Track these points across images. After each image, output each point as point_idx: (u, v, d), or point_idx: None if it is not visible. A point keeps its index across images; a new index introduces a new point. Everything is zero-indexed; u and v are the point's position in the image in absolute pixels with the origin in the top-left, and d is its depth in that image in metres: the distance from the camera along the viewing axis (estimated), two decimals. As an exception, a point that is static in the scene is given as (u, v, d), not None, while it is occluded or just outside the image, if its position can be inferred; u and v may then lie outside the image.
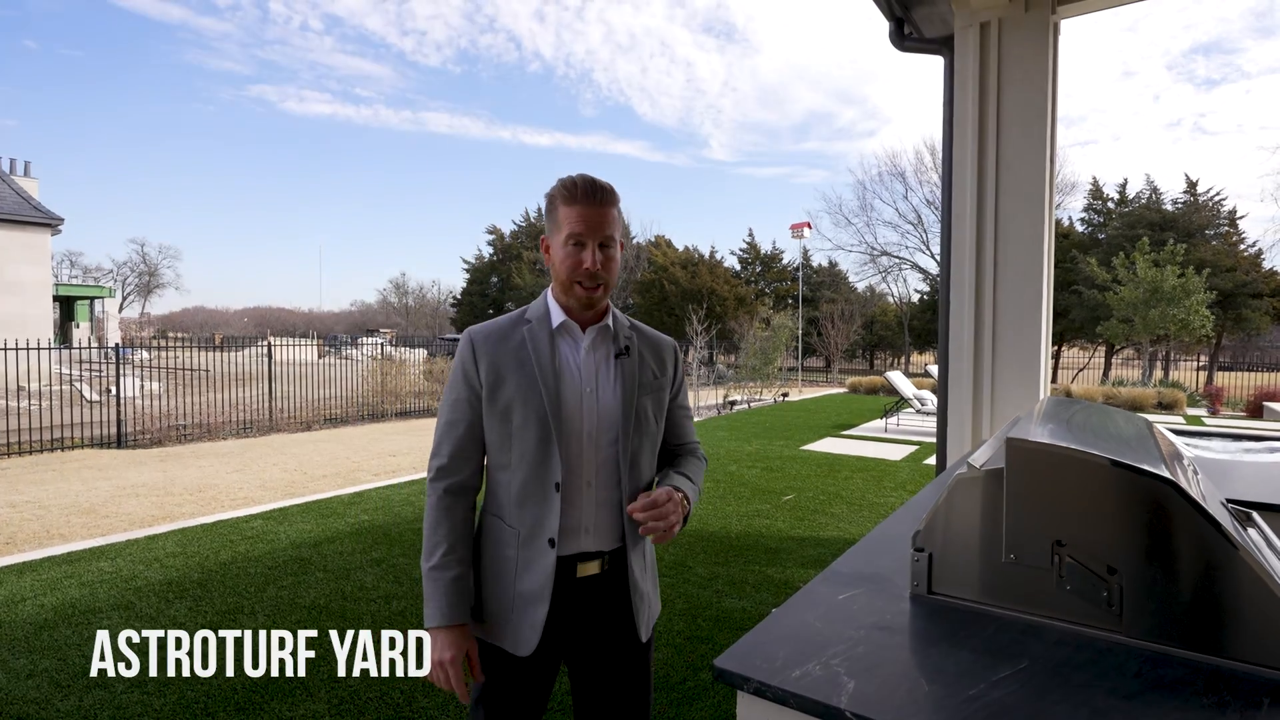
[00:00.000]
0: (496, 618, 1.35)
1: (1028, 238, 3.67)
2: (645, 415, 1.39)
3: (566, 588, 1.33)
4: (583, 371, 1.36)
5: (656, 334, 1.51)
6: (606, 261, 1.32)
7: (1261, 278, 25.09)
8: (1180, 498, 1.10)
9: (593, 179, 1.33)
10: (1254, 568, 1.03)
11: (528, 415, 1.31)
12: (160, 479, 7.10)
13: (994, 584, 1.26)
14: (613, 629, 1.39)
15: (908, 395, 10.76)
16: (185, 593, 3.43)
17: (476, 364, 1.34)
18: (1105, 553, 1.15)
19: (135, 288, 54.82)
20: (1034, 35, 3.63)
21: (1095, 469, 1.16)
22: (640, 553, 1.42)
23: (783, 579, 3.73)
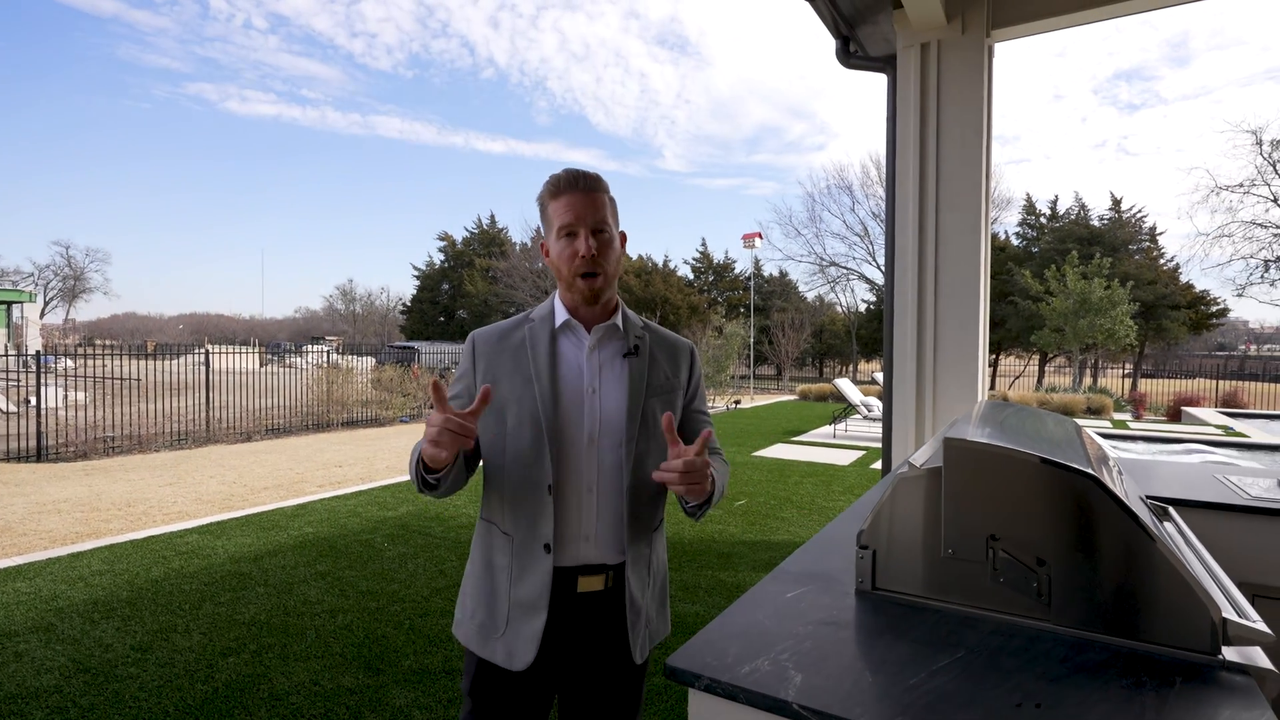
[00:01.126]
0: (489, 629, 1.28)
1: (966, 249, 3.83)
2: (654, 418, 1.32)
3: (566, 599, 1.27)
4: (585, 371, 1.30)
5: (673, 335, 1.46)
6: (602, 248, 1.26)
7: (1179, 290, 26.76)
8: (1104, 493, 1.17)
9: (577, 169, 1.29)
10: (1169, 558, 1.10)
11: (521, 416, 1.27)
12: (85, 494, 6.71)
13: (934, 578, 1.32)
14: (606, 647, 1.31)
15: (855, 402, 11.04)
16: (113, 612, 3.24)
17: (475, 364, 1.32)
18: (1035, 546, 1.22)
19: (59, 292, 51.78)
20: (970, 56, 3.81)
21: (1026, 466, 1.23)
22: (644, 568, 1.35)
23: (735, 582, 3.78)
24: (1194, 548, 1.45)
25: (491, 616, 1.28)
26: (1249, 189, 22.51)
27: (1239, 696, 0.96)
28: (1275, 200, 22.32)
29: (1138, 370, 27.63)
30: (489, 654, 1.27)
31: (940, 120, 3.91)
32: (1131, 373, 28.06)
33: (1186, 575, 1.09)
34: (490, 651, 1.27)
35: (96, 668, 2.71)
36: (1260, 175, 22.31)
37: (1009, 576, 1.24)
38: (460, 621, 1.35)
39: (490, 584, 1.29)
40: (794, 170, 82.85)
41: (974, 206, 3.84)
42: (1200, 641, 1.07)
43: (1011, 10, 3.82)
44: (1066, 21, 3.91)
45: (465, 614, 1.34)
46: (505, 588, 1.27)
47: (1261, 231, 22.69)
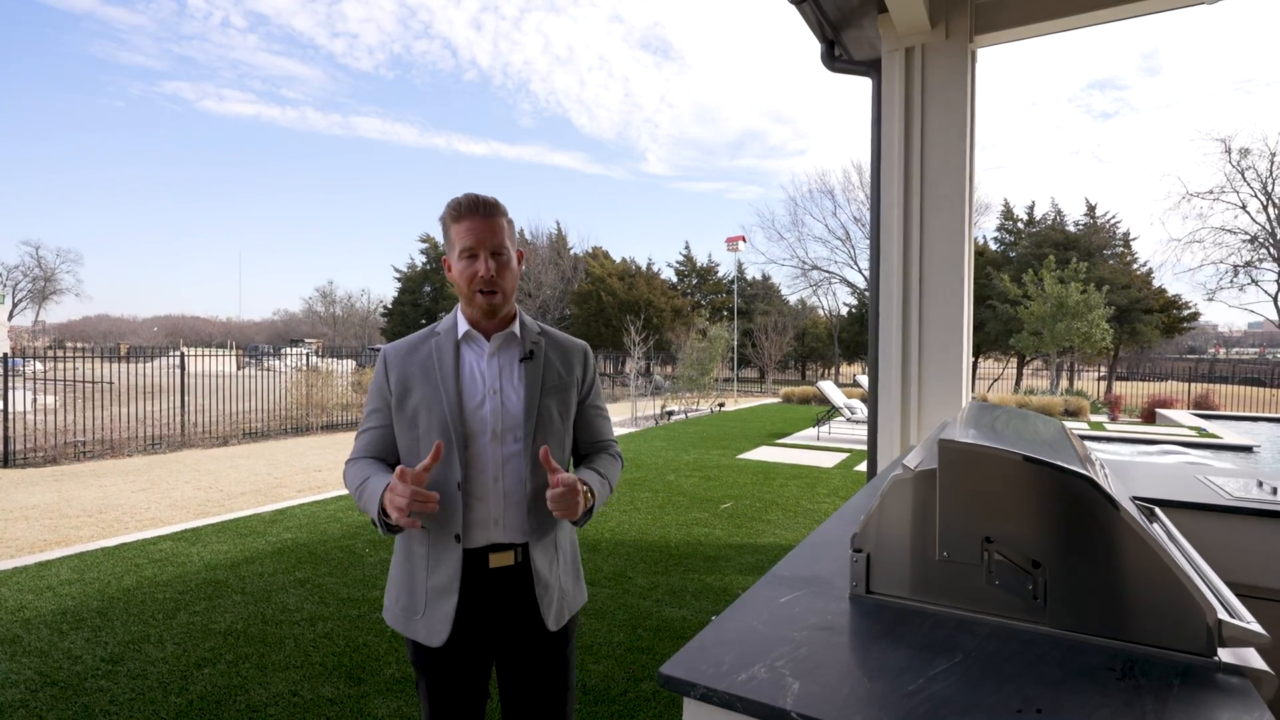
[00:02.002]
0: (410, 611, 1.44)
1: (950, 252, 3.86)
2: (549, 415, 1.47)
3: (477, 579, 1.41)
4: (486, 376, 1.45)
5: (568, 338, 1.59)
6: (500, 269, 1.41)
7: (1152, 295, 27.31)
8: (1098, 494, 1.16)
9: (477, 195, 1.42)
10: (1163, 560, 1.09)
11: (431, 421, 1.40)
12: (54, 500, 6.54)
13: (929, 582, 1.30)
14: (521, 619, 1.45)
15: (839, 404, 11.11)
16: (82, 623, 3.14)
17: (388, 377, 1.46)
18: (1030, 548, 1.21)
19: (28, 293, 50.58)
20: (954, 61, 3.84)
21: (1020, 468, 1.22)
22: (549, 545, 1.48)
23: (721, 586, 3.76)
24: (1183, 548, 1.45)
25: (412, 600, 1.43)
26: (1219, 195, 23.07)
27: (1237, 699, 0.96)
28: (1244, 207, 22.90)
29: (1112, 373, 28.14)
30: (412, 633, 1.42)
31: (924, 124, 3.93)
32: (1106, 375, 28.57)
33: (1181, 576, 1.08)
34: (413, 631, 1.42)
35: (65, 680, 2.62)
36: (1229, 183, 22.90)
37: (1004, 579, 1.23)
38: (388, 607, 1.49)
39: (410, 571, 1.45)
40: (776, 175, 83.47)
41: (958, 210, 3.87)
42: (1196, 643, 1.07)
43: (994, 16, 3.86)
44: (1047, 28, 3.96)
45: (391, 599, 1.48)
46: (423, 574, 1.42)
47: (1231, 237, 23.27)
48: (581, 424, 1.57)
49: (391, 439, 1.45)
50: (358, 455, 1.47)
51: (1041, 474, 1.20)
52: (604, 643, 3.01)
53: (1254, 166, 22.36)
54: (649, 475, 7.08)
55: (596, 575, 3.89)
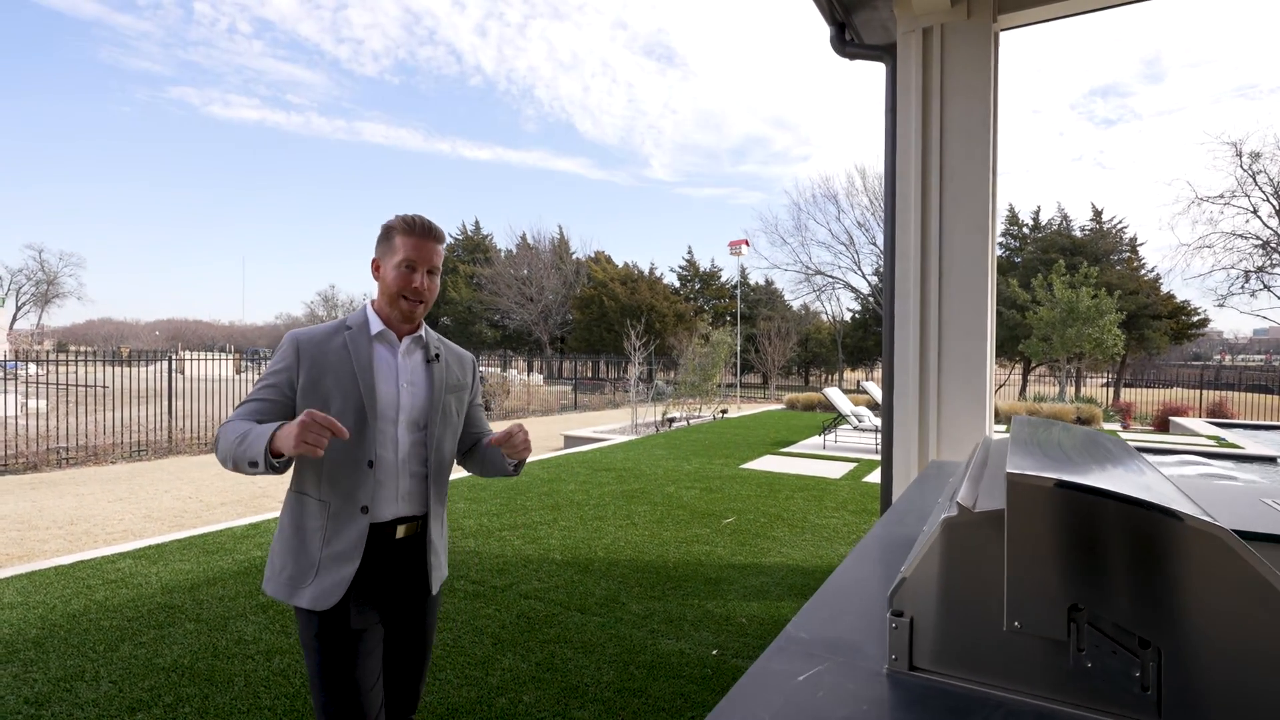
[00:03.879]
0: (297, 580, 1.50)
1: (972, 248, 3.55)
2: (449, 409, 1.68)
3: (379, 548, 1.55)
4: (400, 371, 1.61)
5: (459, 348, 1.79)
6: (430, 286, 1.60)
7: (1160, 300, 26.93)
8: (1234, 551, 0.86)
9: (428, 220, 1.59)
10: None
11: (345, 403, 1.52)
12: (26, 509, 6.24)
13: (994, 659, 0.99)
14: (410, 582, 1.62)
15: (846, 412, 10.77)
16: (14, 655, 2.83)
17: (299, 361, 1.53)
18: (1137, 620, 0.90)
19: (31, 297, 50.52)
20: (976, 42, 3.54)
21: (1122, 514, 0.91)
22: (439, 519, 1.67)
23: (724, 614, 3.44)
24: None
25: (300, 569, 1.51)
26: (1229, 200, 22.69)
27: None
28: (1255, 211, 22.53)
29: (1120, 380, 27.73)
30: (297, 600, 1.49)
31: (944, 111, 3.63)
32: (1112, 382, 28.16)
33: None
34: (299, 597, 1.49)
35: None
36: (1240, 187, 22.51)
37: (1100, 662, 0.93)
38: (269, 579, 1.55)
39: (300, 543, 1.52)
40: (780, 180, 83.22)
41: (980, 204, 3.56)
42: (1383, 765, 0.76)
43: (1020, -7, 3.56)
44: (1074, 6, 3.66)
45: (274, 571, 1.55)
46: (317, 545, 1.51)
47: (1242, 242, 22.87)
48: (470, 418, 1.79)
49: (284, 415, 1.51)
50: (239, 419, 1.48)
51: (1152, 522, 0.89)
52: (591, 683, 2.69)
53: (1265, 170, 21.99)
54: (648, 486, 6.76)
55: (586, 601, 3.57)
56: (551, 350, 39.78)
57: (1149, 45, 69.15)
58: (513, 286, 38.99)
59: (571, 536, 4.83)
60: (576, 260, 40.76)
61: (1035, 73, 68.48)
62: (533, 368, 35.27)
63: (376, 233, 1.62)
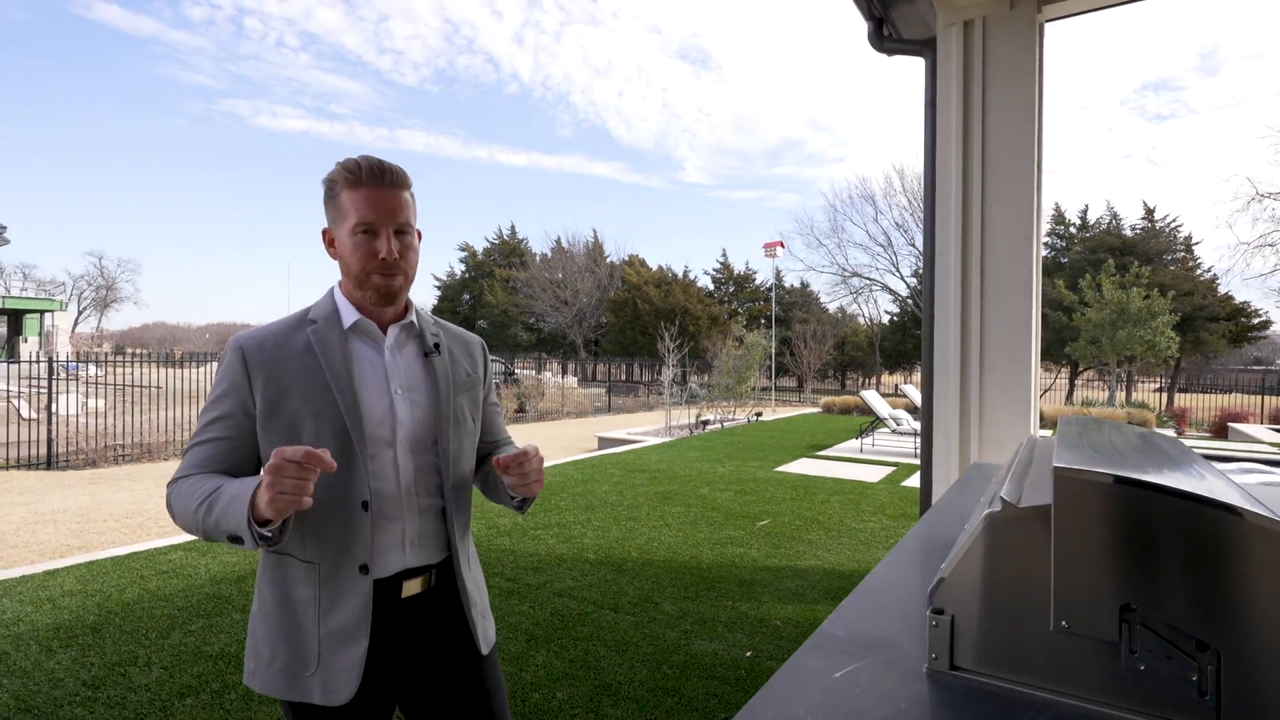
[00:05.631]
0: (296, 670, 1.14)
1: (1016, 246, 3.45)
2: (463, 414, 1.28)
3: (388, 614, 1.18)
4: (389, 374, 1.21)
5: (463, 331, 1.40)
6: (404, 250, 1.18)
7: (1218, 302, 25.78)
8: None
9: (379, 159, 1.17)
10: None
11: (321, 428, 1.13)
12: (85, 503, 6.53)
13: (1040, 660, 0.96)
14: (447, 648, 1.25)
15: (883, 415, 10.58)
16: (74, 640, 2.97)
17: (250, 377, 1.13)
18: (1193, 622, 0.86)
19: (92, 302, 52.97)
20: (1020, 33, 3.45)
21: (1177, 509, 0.87)
22: (468, 557, 1.29)
23: (758, 615, 3.40)
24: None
25: (298, 656, 1.14)
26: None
27: None
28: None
29: (1174, 384, 26.63)
30: (303, 695, 1.13)
31: (986, 105, 3.55)
32: (1166, 387, 27.06)
33: None
34: (305, 692, 1.13)
35: (41, 707, 2.42)
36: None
37: (1154, 665, 0.89)
38: (254, 671, 1.18)
39: (291, 621, 1.15)
40: (815, 182, 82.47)
41: (1025, 199, 3.47)
42: None
43: (1066, -18, 3.46)
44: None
45: (261, 661, 1.17)
46: (312, 621, 1.14)
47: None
48: (485, 421, 1.39)
49: (247, 455, 1.15)
50: (192, 470, 1.12)
51: (1211, 519, 0.85)
52: (625, 681, 2.69)
53: (1333, 164, 20.85)
54: (681, 488, 6.74)
55: (620, 600, 3.57)
56: (586, 353, 40.03)
57: (1204, 37, 66.33)
58: (548, 290, 39.35)
59: (605, 536, 4.84)
60: (610, 264, 40.94)
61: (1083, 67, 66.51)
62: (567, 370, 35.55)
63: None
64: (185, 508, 1.08)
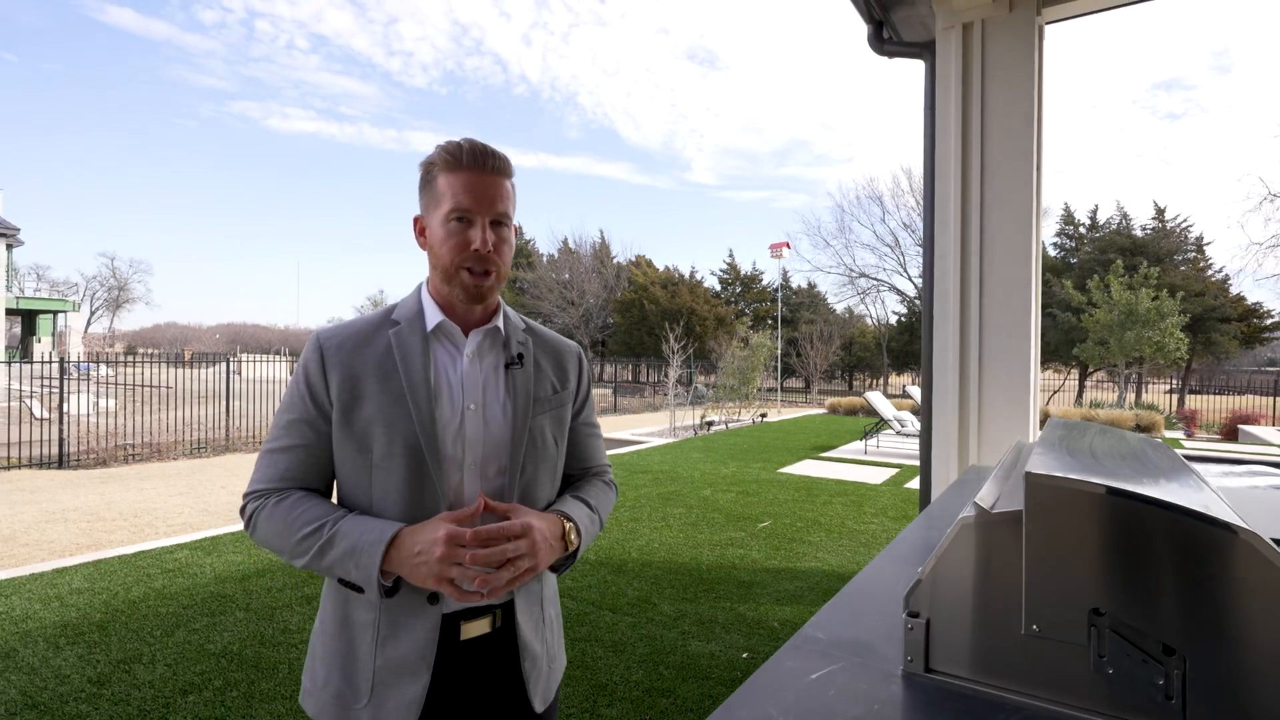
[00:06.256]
0: (349, 700, 1.05)
1: (1015, 249, 3.45)
2: (542, 437, 1.14)
3: (449, 655, 1.07)
4: (465, 386, 1.10)
5: (557, 337, 1.26)
6: (499, 243, 1.07)
7: (1229, 302, 25.55)
8: (1263, 555, 0.82)
9: (482, 143, 1.07)
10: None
11: (393, 442, 1.03)
12: (96, 502, 6.61)
13: (1012, 663, 0.97)
14: (500, 699, 1.12)
15: (888, 416, 10.56)
16: (80, 637, 3.01)
17: (326, 376, 1.06)
18: (1160, 626, 0.87)
19: (104, 302, 53.51)
20: (1019, 36, 3.45)
21: (1144, 515, 0.88)
22: (533, 603, 1.16)
23: (756, 617, 3.42)
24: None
25: (350, 684, 1.06)
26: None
27: None
28: (1335, 208, 21.15)
29: (1185, 386, 26.41)
30: None
31: (985, 108, 3.55)
32: (1177, 389, 26.84)
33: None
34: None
35: (46, 703, 2.46)
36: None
37: (1121, 668, 0.90)
38: (309, 692, 1.10)
39: (347, 645, 1.07)
40: (823, 183, 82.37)
41: (1024, 202, 3.46)
42: None
43: (1066, -15, 3.46)
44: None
45: (315, 682, 1.09)
46: (369, 648, 1.05)
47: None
48: (573, 446, 1.25)
49: (324, 464, 1.08)
50: (272, 484, 1.06)
51: (1174, 524, 0.86)
52: (620, 681, 2.71)
53: (1347, 164, 20.64)
54: (683, 489, 6.76)
55: (619, 601, 3.59)
56: (592, 353, 40.10)
57: (1216, 36, 65.78)
58: (554, 290, 39.44)
59: (606, 537, 4.87)
60: (617, 264, 41.00)
61: (1094, 66, 66.05)
62: (574, 371, 35.44)
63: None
64: (280, 536, 1.02)
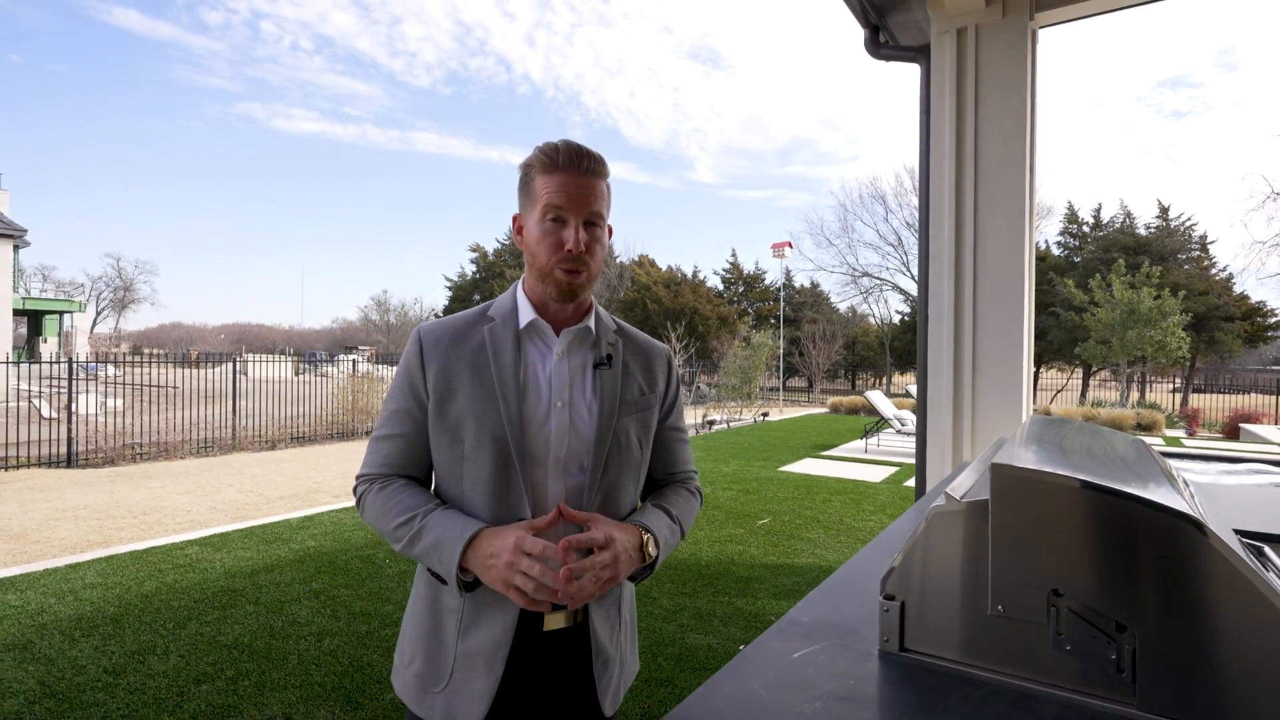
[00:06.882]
0: (428, 681, 1.10)
1: (1008, 250, 3.52)
2: (627, 439, 1.15)
3: (528, 646, 1.10)
4: (553, 384, 1.12)
5: (648, 339, 1.26)
6: (591, 243, 1.09)
7: (1233, 301, 25.52)
8: (1207, 540, 0.89)
9: (578, 144, 1.10)
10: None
11: (482, 435, 1.07)
12: (105, 500, 6.71)
13: (979, 641, 1.04)
14: (571, 696, 1.14)
15: (888, 415, 10.62)
16: (95, 630, 3.10)
17: (424, 369, 1.11)
18: (1113, 605, 0.94)
19: (110, 303, 53.78)
20: (1012, 42, 3.51)
21: (1099, 501, 0.95)
22: (610, 605, 1.17)
23: (753, 611, 3.49)
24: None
25: (432, 667, 1.10)
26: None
27: None
28: (1339, 206, 21.13)
29: (1188, 385, 26.38)
30: (426, 711, 1.10)
31: (979, 112, 3.61)
32: (1181, 388, 26.81)
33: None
34: (428, 708, 1.09)
35: (64, 692, 2.55)
36: (1322, 180, 21.16)
37: (1078, 644, 0.97)
38: (398, 668, 1.16)
39: (434, 627, 1.11)
40: (826, 182, 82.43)
41: (1017, 205, 3.53)
42: (1349, 747, 0.79)
43: (1058, -10, 3.52)
44: (1114, 1, 3.59)
45: (403, 659, 1.15)
46: (453, 633, 1.09)
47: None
48: (659, 451, 1.25)
49: (424, 453, 1.13)
50: (378, 470, 1.14)
51: (1127, 510, 0.93)
52: (620, 672, 2.79)
53: (1350, 162, 20.60)
54: (685, 487, 6.83)
55: (620, 595, 3.68)
56: (595, 353, 40.02)
57: (1222, 33, 65.58)
58: (557, 290, 39.40)
59: (608, 534, 4.94)
60: (620, 264, 41.08)
61: (1098, 64, 65.86)
62: (577, 370, 35.52)
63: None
64: (380, 519, 1.10)
